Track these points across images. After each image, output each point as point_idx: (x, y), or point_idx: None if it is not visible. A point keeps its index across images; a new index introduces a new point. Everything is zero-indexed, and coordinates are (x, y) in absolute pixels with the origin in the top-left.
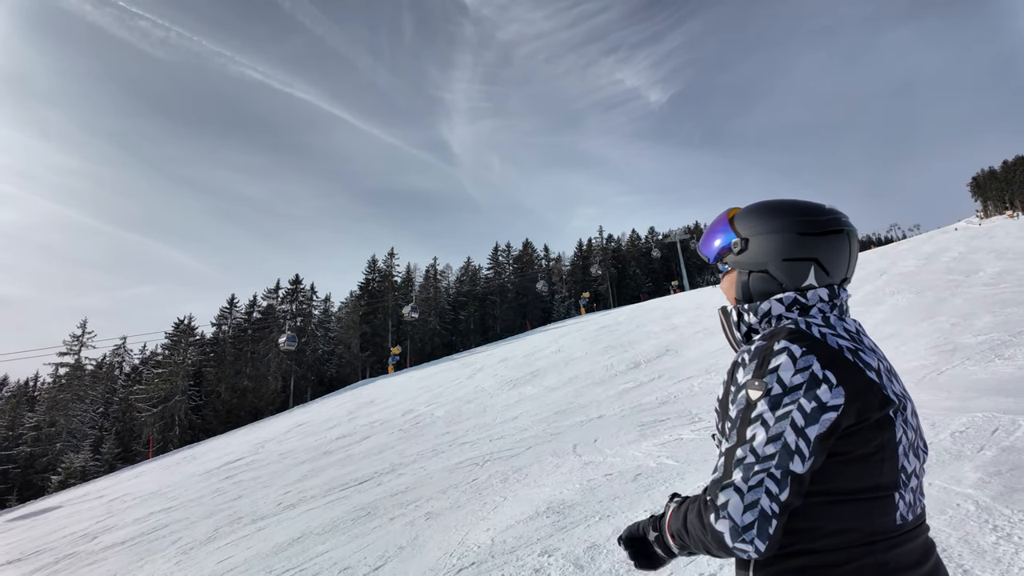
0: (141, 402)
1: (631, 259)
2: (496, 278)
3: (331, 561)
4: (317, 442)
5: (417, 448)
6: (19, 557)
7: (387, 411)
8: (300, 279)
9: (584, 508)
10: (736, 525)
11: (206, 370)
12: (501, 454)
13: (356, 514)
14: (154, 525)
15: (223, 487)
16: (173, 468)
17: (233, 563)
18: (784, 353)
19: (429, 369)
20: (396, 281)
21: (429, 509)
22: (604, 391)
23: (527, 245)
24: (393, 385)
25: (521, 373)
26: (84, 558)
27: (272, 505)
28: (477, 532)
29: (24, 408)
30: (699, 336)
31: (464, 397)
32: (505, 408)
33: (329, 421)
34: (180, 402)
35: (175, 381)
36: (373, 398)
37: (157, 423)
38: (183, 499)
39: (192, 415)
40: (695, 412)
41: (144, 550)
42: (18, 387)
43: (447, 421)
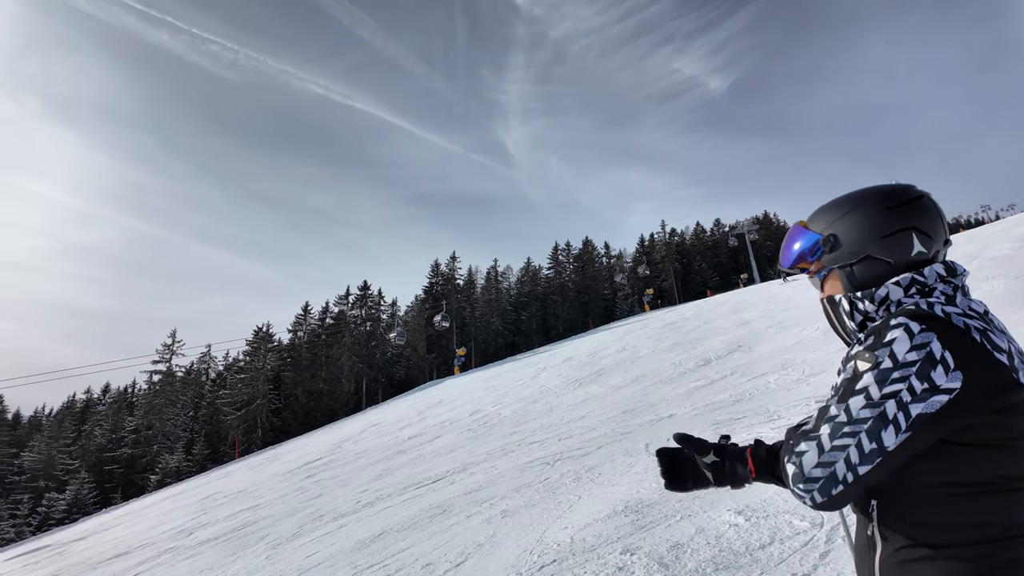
0: (226, 406)
1: (696, 253)
2: (557, 277)
3: (412, 557)
4: (390, 442)
5: (486, 447)
6: (126, 551)
7: (455, 411)
8: (368, 285)
9: (663, 507)
10: (800, 473)
11: (284, 374)
12: (571, 453)
13: (432, 512)
14: (243, 522)
15: (304, 486)
16: (258, 468)
17: (319, 558)
18: (900, 328)
19: (493, 369)
20: (459, 284)
21: (504, 507)
22: (673, 389)
23: (587, 243)
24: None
25: (586, 372)
26: (182, 552)
27: (351, 503)
28: (555, 530)
29: (124, 413)
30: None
31: (530, 397)
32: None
33: (400, 421)
34: (261, 405)
35: (256, 385)
36: (441, 399)
37: (241, 425)
38: (268, 497)
39: (273, 417)
40: (773, 410)
41: (236, 545)
42: (119, 393)
43: (514, 421)
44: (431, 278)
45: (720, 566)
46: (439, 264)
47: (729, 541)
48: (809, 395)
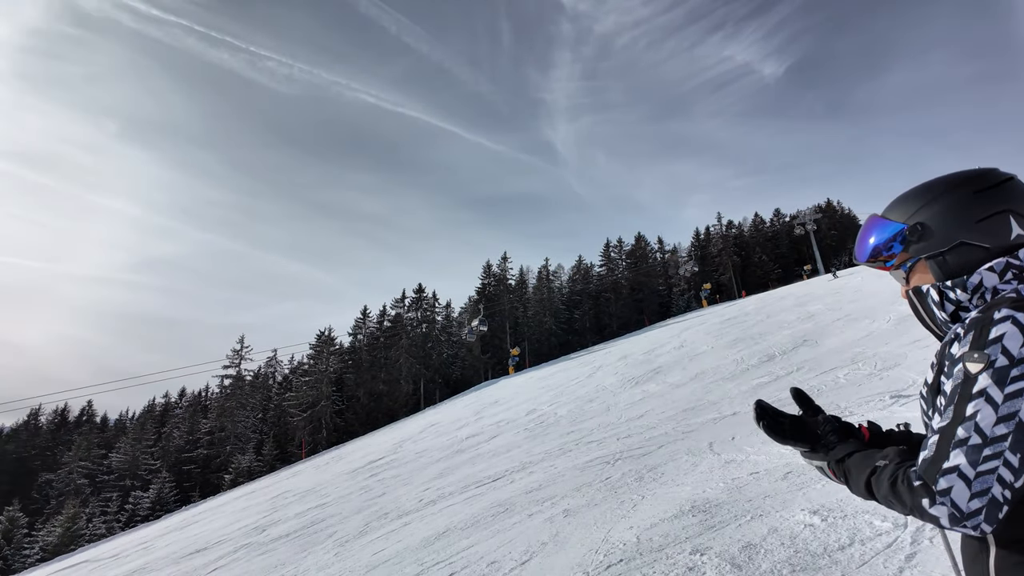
0: (292, 408)
1: (755, 245)
2: (609, 275)
3: (477, 555)
4: (448, 441)
5: (544, 447)
6: (205, 546)
7: (511, 411)
8: (423, 288)
9: (732, 507)
10: (959, 513)
11: (346, 376)
12: (631, 453)
13: (494, 510)
14: (312, 519)
15: (368, 485)
16: (323, 467)
17: (386, 555)
18: (1008, 321)
19: (548, 369)
20: (511, 284)
21: (566, 506)
22: (736, 386)
23: (639, 239)
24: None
25: (643, 370)
26: (257, 548)
27: (414, 501)
28: (620, 530)
29: (199, 416)
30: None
31: (586, 396)
32: (629, 406)
33: (458, 421)
34: (325, 407)
35: (320, 388)
36: (497, 399)
37: (307, 426)
38: (334, 496)
39: (336, 418)
40: (844, 406)
41: (306, 542)
42: (193, 397)
43: (571, 420)
44: (483, 279)
45: (797, 567)
46: (491, 265)
47: (805, 542)
48: (882, 390)
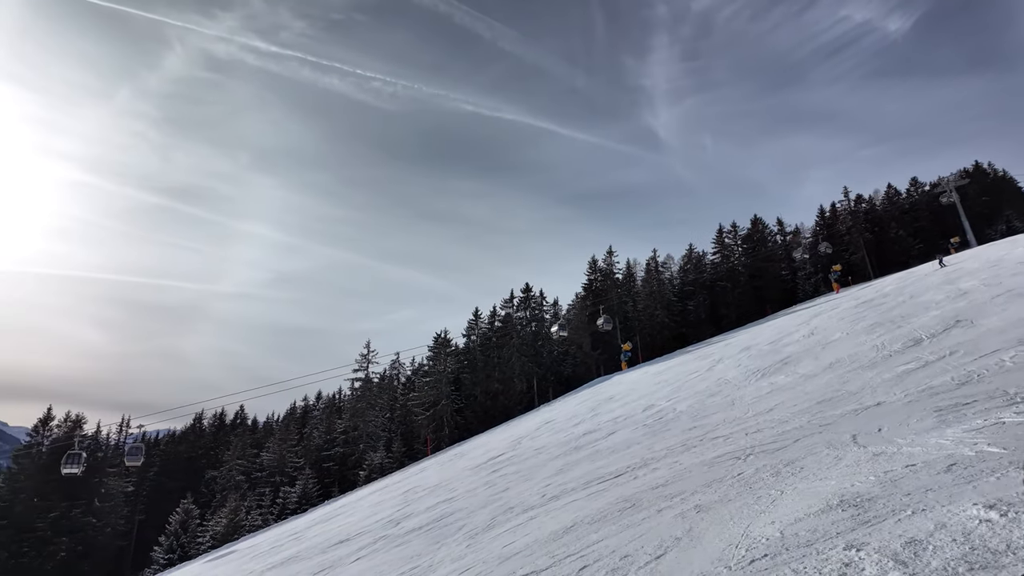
0: (416, 407)
1: (890, 220)
2: (724, 262)
3: (608, 549)
4: (566, 438)
5: (665, 443)
6: (347, 537)
7: (627, 407)
8: (530, 287)
9: (888, 502)
10: None
11: (463, 376)
12: (763, 448)
13: (621, 506)
14: (441, 513)
15: (491, 480)
16: (448, 464)
17: (516, 548)
18: None
19: (663, 363)
20: (618, 278)
21: (697, 502)
22: (877, 375)
23: (756, 222)
24: (629, 381)
25: (768, 362)
26: (393, 540)
27: (537, 496)
28: (760, 525)
29: (335, 416)
30: (1000, 301)
31: (706, 390)
32: (756, 400)
33: (573, 418)
34: (446, 406)
35: (439, 387)
36: (611, 395)
37: (430, 424)
38: (460, 491)
39: (456, 416)
40: (1014, 392)
41: (438, 535)
42: (328, 400)
43: (692, 416)
44: (589, 275)
45: (975, 565)
46: (596, 260)
47: (982, 538)
48: None
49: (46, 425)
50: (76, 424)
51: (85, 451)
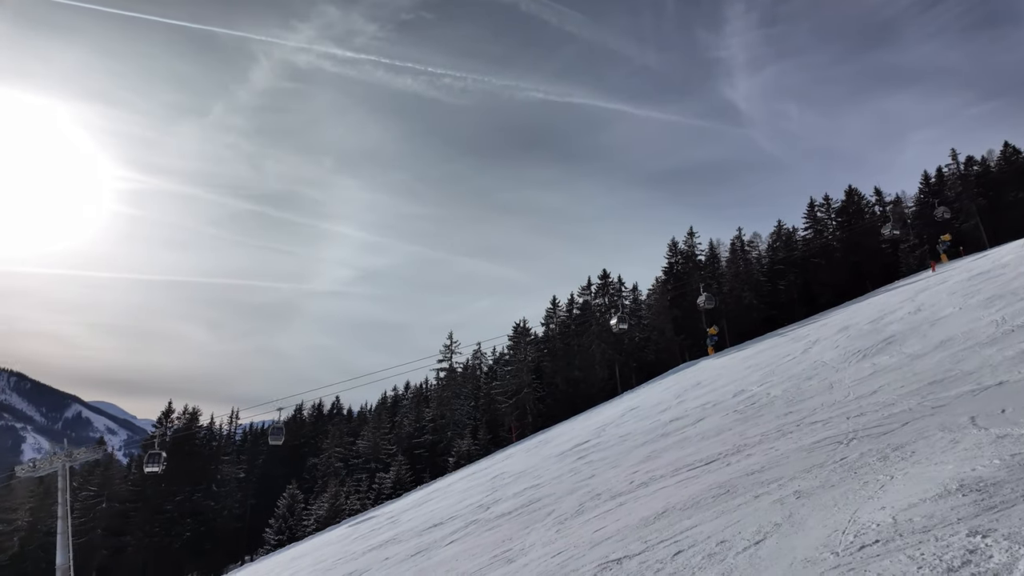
0: (499, 395)
1: (1007, 182)
2: (817, 238)
3: (703, 534)
4: (651, 425)
5: (759, 429)
6: (440, 521)
7: (716, 393)
8: (607, 273)
9: (1016, 487)
10: None
11: (543, 364)
12: (867, 432)
13: (714, 492)
14: (529, 499)
15: (577, 467)
16: (533, 451)
17: (607, 533)
18: None
19: (753, 347)
20: (700, 260)
21: (796, 488)
22: (998, 352)
23: (851, 192)
24: (716, 366)
25: (869, 342)
26: (484, 524)
27: (625, 483)
28: (869, 511)
29: (423, 406)
30: None
31: (802, 374)
32: (857, 383)
33: (659, 405)
34: (528, 394)
35: (521, 376)
36: (698, 380)
37: (513, 412)
38: (547, 477)
39: (539, 404)
40: None
41: (527, 519)
42: (416, 390)
43: (787, 400)
44: (669, 257)
45: None
46: (676, 242)
47: None
48: None
49: (168, 417)
50: (193, 416)
51: (164, 451)
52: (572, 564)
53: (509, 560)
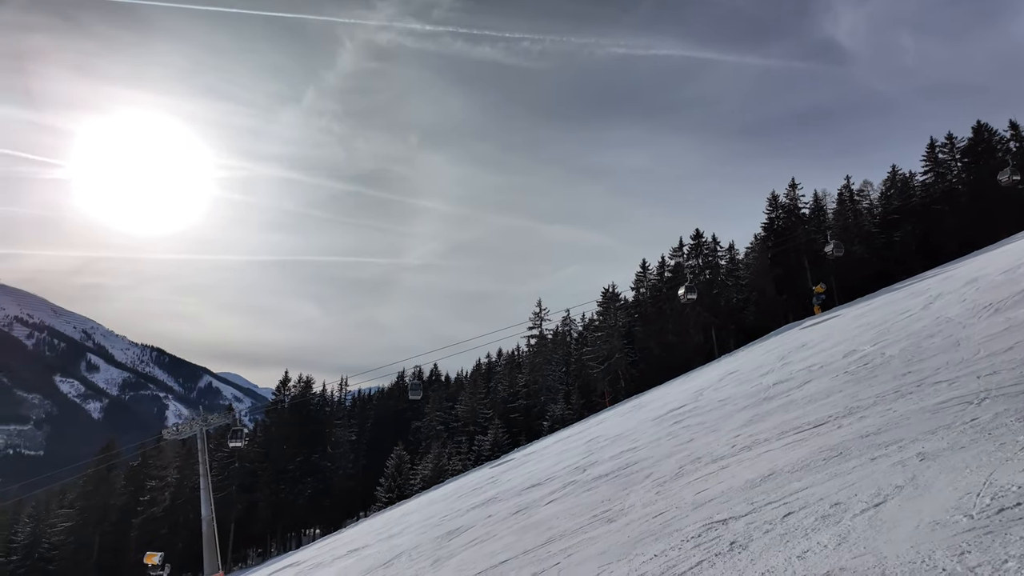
0: (590, 361)
1: None
2: (938, 182)
3: (815, 496)
4: (752, 389)
5: (873, 391)
6: (538, 482)
7: (823, 354)
8: (700, 233)
9: None
10: None
11: (635, 329)
12: (1003, 391)
13: (825, 455)
14: (626, 462)
15: (674, 431)
16: (627, 415)
17: (709, 495)
18: None
19: (865, 304)
20: (804, 214)
21: (919, 450)
22: None
23: (980, 129)
24: (823, 326)
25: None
26: (581, 485)
27: (726, 447)
28: (1008, 473)
29: (515, 372)
30: None
31: (921, 331)
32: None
33: (760, 368)
34: (620, 359)
35: (612, 341)
36: (803, 341)
37: (605, 377)
38: (643, 441)
39: (632, 369)
40: None
41: (625, 482)
42: (509, 357)
43: (905, 360)
44: (769, 212)
45: None
46: (776, 196)
47: None
48: None
49: (285, 386)
50: (307, 385)
51: (244, 427)
52: (675, 524)
53: (609, 520)
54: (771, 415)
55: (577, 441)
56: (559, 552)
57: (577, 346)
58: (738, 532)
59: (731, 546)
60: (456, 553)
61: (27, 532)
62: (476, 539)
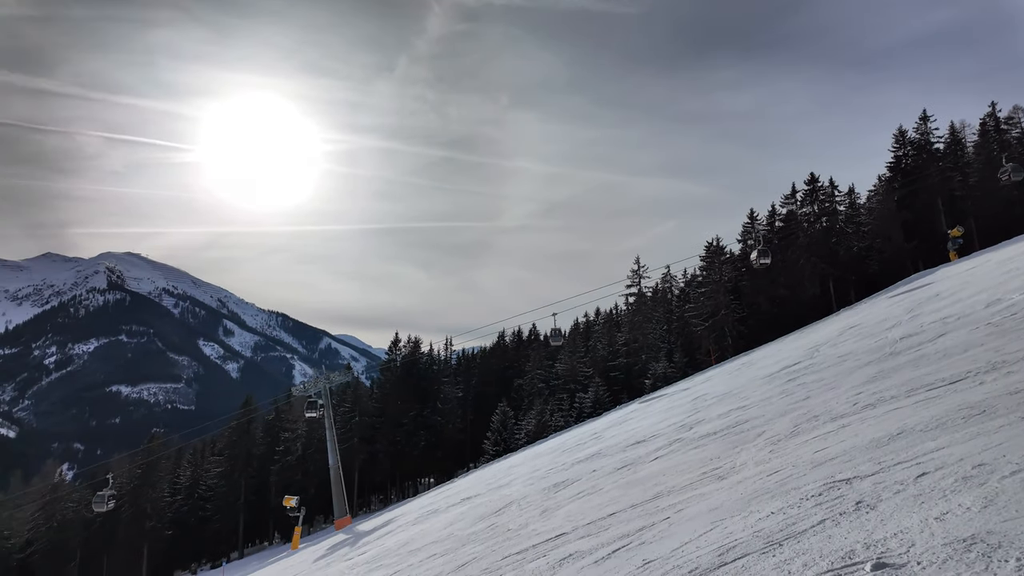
0: (694, 318)
1: None
2: None
3: (952, 457)
4: (876, 343)
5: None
6: (643, 439)
7: (960, 304)
8: (816, 177)
9: None
10: None
11: (742, 284)
12: None
13: (964, 413)
14: (735, 420)
15: (788, 389)
16: (735, 373)
17: (830, 454)
18: None
19: (1011, 247)
20: (937, 150)
21: None
22: None
23: None
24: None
25: None
26: (688, 443)
27: (846, 405)
28: None
29: (614, 330)
30: None
31: None
32: None
33: (885, 321)
34: (726, 315)
35: (717, 297)
36: (936, 292)
37: (710, 335)
38: (753, 399)
39: (739, 326)
40: None
41: (735, 440)
42: (607, 315)
43: None
44: (895, 150)
45: None
46: (904, 131)
47: None
48: None
49: (396, 346)
50: (415, 345)
51: (320, 399)
52: (792, 483)
53: (720, 477)
54: (898, 371)
55: (682, 399)
56: (668, 507)
57: (679, 303)
58: (864, 492)
59: (857, 506)
60: (563, 505)
61: (187, 475)
62: (582, 492)
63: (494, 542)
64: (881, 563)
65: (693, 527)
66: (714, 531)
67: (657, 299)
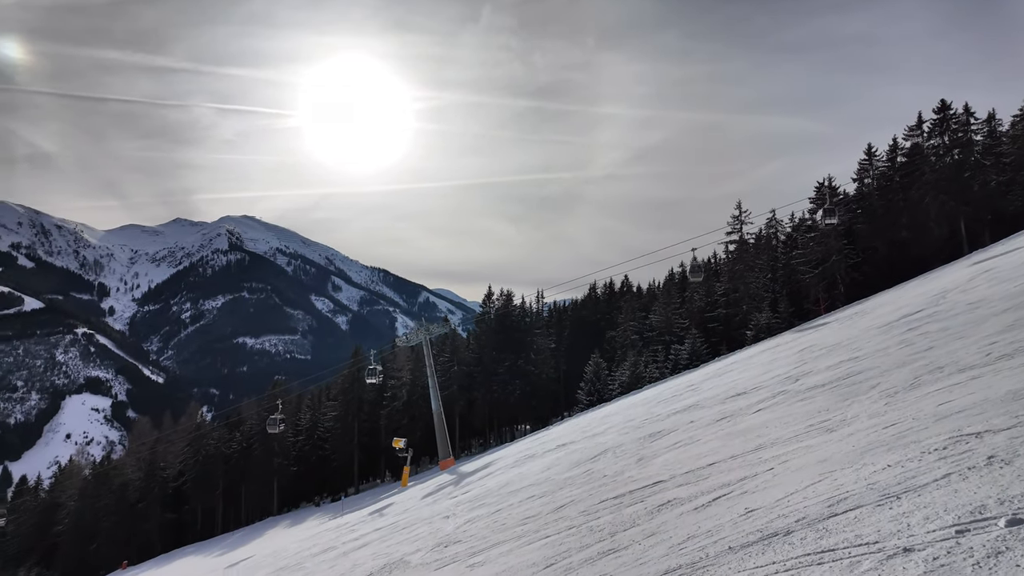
0: (801, 265)
1: None
2: None
3: None
4: (1016, 288)
5: None
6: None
7: None
8: (947, 104)
9: None
10: None
11: (857, 227)
12: None
13: None
14: (847, 372)
15: (907, 339)
16: (847, 322)
17: (955, 407)
18: None
19: None
20: None
21: None
22: None
23: None
24: None
25: None
26: (794, 395)
27: (977, 355)
28: None
29: (713, 280)
30: None
31: None
32: None
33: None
34: (838, 261)
35: (828, 243)
36: None
37: (820, 283)
38: (867, 350)
39: (853, 272)
40: None
41: (845, 392)
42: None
43: None
44: None
45: None
46: None
47: None
48: None
49: (489, 299)
50: (508, 298)
51: (380, 364)
52: (911, 436)
53: (828, 430)
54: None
55: (787, 350)
56: (771, 458)
57: (785, 250)
58: (997, 446)
59: (989, 460)
60: (660, 454)
61: (307, 418)
62: (679, 442)
63: (590, 487)
64: (1018, 519)
65: (799, 478)
66: (823, 483)
67: (760, 246)
